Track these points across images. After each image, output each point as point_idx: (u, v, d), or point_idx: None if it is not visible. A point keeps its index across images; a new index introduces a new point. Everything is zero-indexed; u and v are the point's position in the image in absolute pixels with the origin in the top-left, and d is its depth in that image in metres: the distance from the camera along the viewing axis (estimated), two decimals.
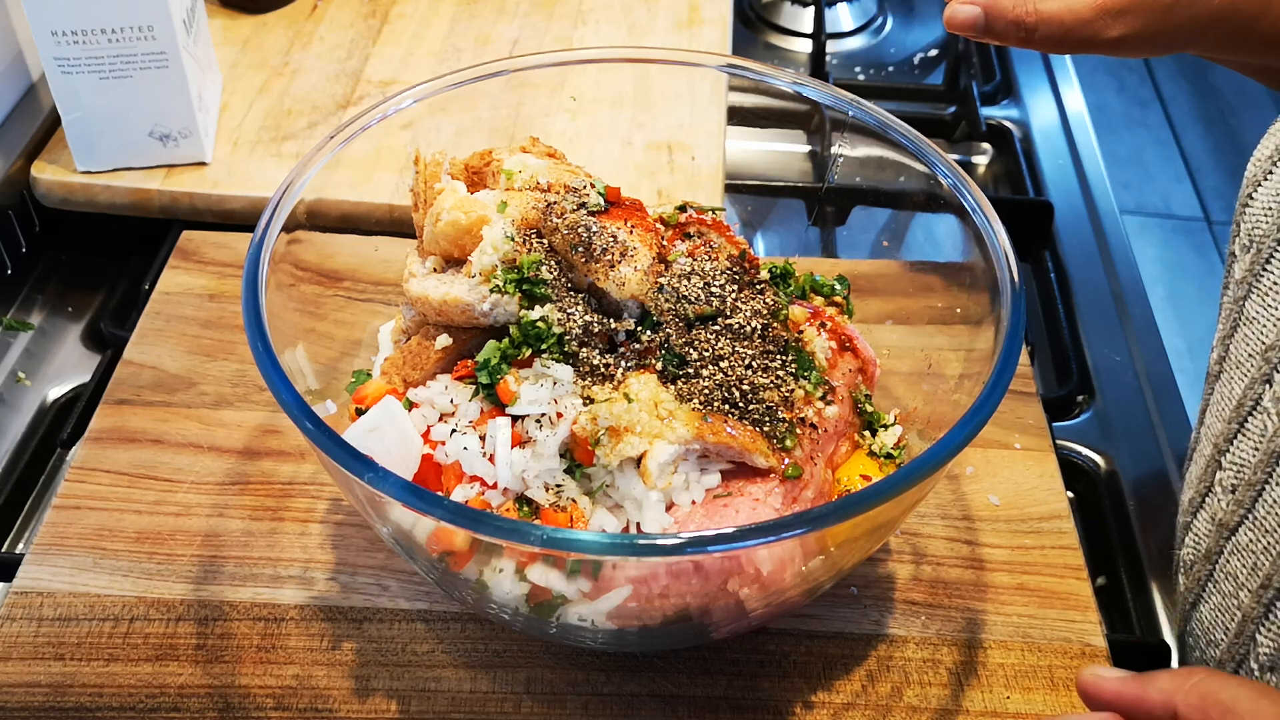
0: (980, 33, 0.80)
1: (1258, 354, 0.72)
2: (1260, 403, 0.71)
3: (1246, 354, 0.73)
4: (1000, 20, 0.79)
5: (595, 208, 0.73)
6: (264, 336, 0.66)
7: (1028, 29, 0.79)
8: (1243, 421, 0.73)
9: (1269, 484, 0.70)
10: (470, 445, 0.67)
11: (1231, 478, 0.74)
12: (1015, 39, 0.80)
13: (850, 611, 0.80)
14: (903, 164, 0.83)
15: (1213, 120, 3.21)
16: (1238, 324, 0.75)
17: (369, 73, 1.24)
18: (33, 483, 0.95)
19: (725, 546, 0.57)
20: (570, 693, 0.75)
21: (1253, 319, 0.73)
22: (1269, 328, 0.71)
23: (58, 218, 1.14)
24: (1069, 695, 0.76)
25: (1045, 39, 0.79)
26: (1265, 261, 0.72)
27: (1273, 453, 0.69)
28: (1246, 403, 0.72)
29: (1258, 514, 0.71)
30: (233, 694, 0.74)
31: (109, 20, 1.01)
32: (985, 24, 0.79)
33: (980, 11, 0.79)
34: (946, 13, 0.80)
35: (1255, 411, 0.72)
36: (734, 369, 0.69)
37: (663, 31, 1.31)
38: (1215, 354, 0.77)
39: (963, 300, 0.79)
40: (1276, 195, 0.72)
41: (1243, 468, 0.73)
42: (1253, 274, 0.73)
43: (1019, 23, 0.79)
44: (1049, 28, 0.79)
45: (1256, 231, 0.73)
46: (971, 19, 0.79)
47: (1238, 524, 0.73)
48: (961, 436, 0.62)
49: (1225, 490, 0.74)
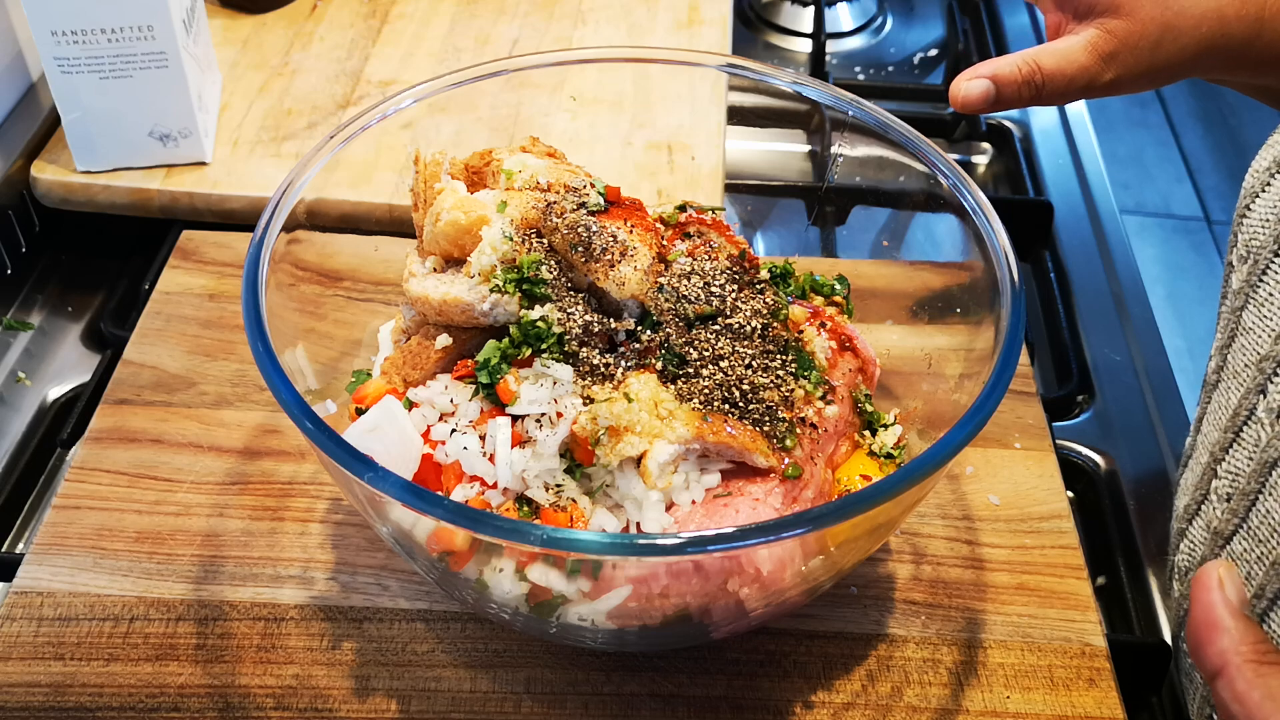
0: (992, 105, 0.82)
1: (1253, 364, 0.72)
2: (1255, 413, 0.72)
3: (1243, 364, 0.74)
4: (1010, 86, 0.81)
5: (595, 207, 0.73)
6: (264, 336, 0.66)
7: (1036, 87, 0.81)
8: (1238, 431, 0.73)
9: (1262, 494, 0.70)
10: (470, 445, 0.67)
11: (1227, 486, 0.74)
12: (1027, 99, 0.82)
13: (850, 611, 0.80)
14: (903, 164, 0.83)
15: (1213, 120, 3.21)
16: (1235, 334, 0.75)
17: (369, 73, 1.24)
18: (33, 483, 0.95)
19: (725, 546, 0.57)
20: (570, 693, 0.75)
21: (1249, 329, 0.73)
22: (1264, 338, 0.71)
23: (58, 218, 1.14)
24: (1069, 695, 0.76)
25: (1051, 93, 0.82)
26: (1261, 272, 0.72)
27: (1266, 463, 0.69)
28: (1242, 412, 0.73)
29: (1251, 523, 0.71)
30: (233, 694, 0.74)
31: (109, 20, 1.01)
32: (996, 94, 0.81)
33: (990, 84, 0.80)
34: (954, 94, 0.81)
35: (1250, 421, 0.72)
36: (734, 369, 0.69)
37: (663, 31, 1.31)
38: (1213, 363, 0.78)
39: (963, 300, 0.79)
40: (1273, 207, 0.72)
41: (1237, 477, 0.73)
42: (1249, 285, 0.73)
43: (1028, 82, 0.81)
44: (1055, 82, 0.81)
45: (1254, 243, 0.73)
46: (983, 93, 0.81)
47: (1232, 533, 0.73)
48: (961, 436, 0.62)
49: (1221, 499, 0.74)
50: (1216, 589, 0.54)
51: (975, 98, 0.81)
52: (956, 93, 0.81)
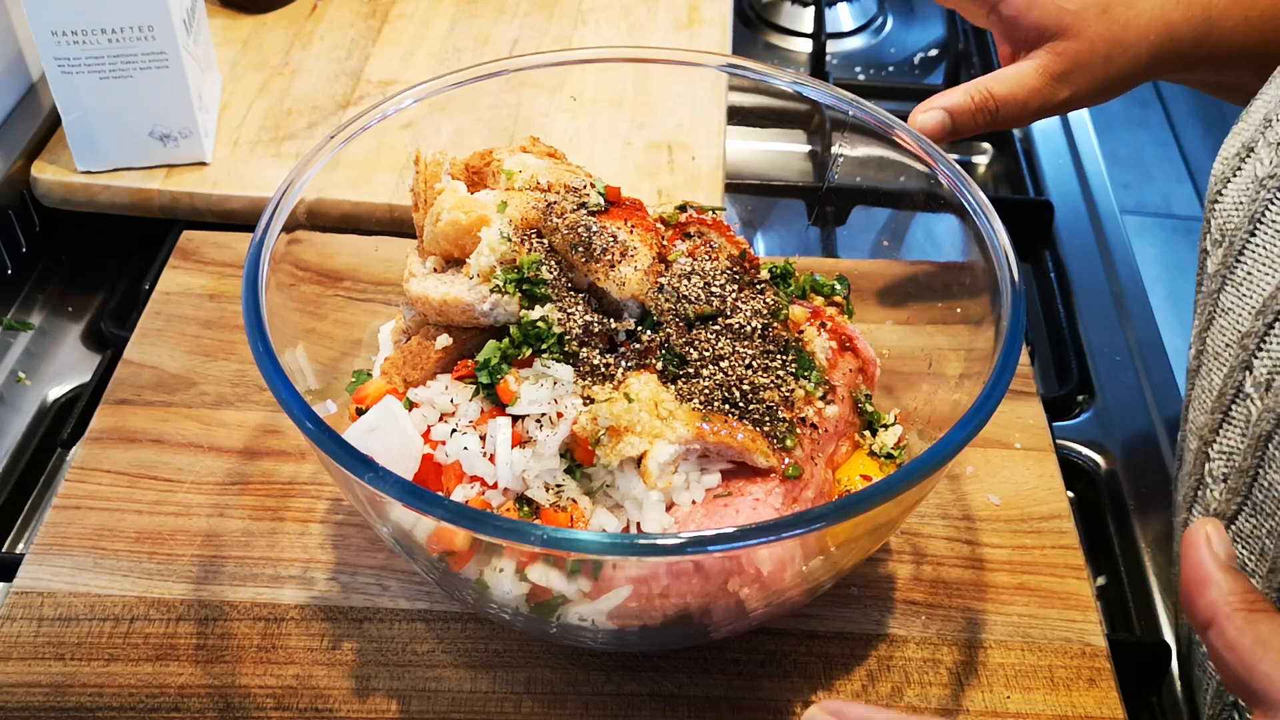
0: (949, 134, 0.85)
1: (1234, 342, 0.73)
2: (1242, 389, 0.72)
3: (1224, 344, 0.75)
4: (964, 114, 0.84)
5: (595, 208, 0.73)
6: (264, 336, 0.66)
7: (990, 113, 0.83)
8: (1226, 410, 0.74)
9: (1262, 468, 0.70)
10: (470, 445, 0.67)
11: (1222, 467, 0.74)
12: (983, 126, 0.85)
13: (850, 611, 0.80)
14: (903, 164, 0.83)
15: (1213, 120, 3.21)
16: (1213, 317, 0.76)
17: (369, 73, 1.24)
18: (33, 483, 0.95)
19: (725, 546, 0.57)
20: (570, 693, 0.75)
21: (1227, 310, 0.75)
22: (1244, 316, 0.72)
23: (58, 218, 1.14)
24: (1069, 695, 0.76)
25: (1007, 118, 0.86)
26: (1238, 253, 0.73)
27: (1259, 437, 0.70)
28: (1228, 391, 0.74)
29: (1255, 499, 0.71)
30: (233, 694, 0.74)
31: (109, 20, 1.01)
32: (952, 124, 0.84)
33: (945, 115, 0.84)
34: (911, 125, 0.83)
35: (1238, 399, 0.73)
36: (734, 369, 0.69)
37: (663, 31, 1.31)
38: (1193, 350, 0.79)
39: (963, 300, 0.79)
40: (1245, 189, 0.73)
41: (1232, 455, 0.74)
42: (1226, 267, 0.75)
43: (981, 110, 0.83)
44: (1009, 107, 0.85)
45: (1228, 226, 0.74)
46: (938, 123, 0.85)
47: (1235, 512, 0.73)
48: (961, 436, 0.62)
49: (1217, 480, 0.75)
50: (1204, 545, 0.55)
51: (932, 128, 0.84)
52: (913, 125, 0.83)
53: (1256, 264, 0.72)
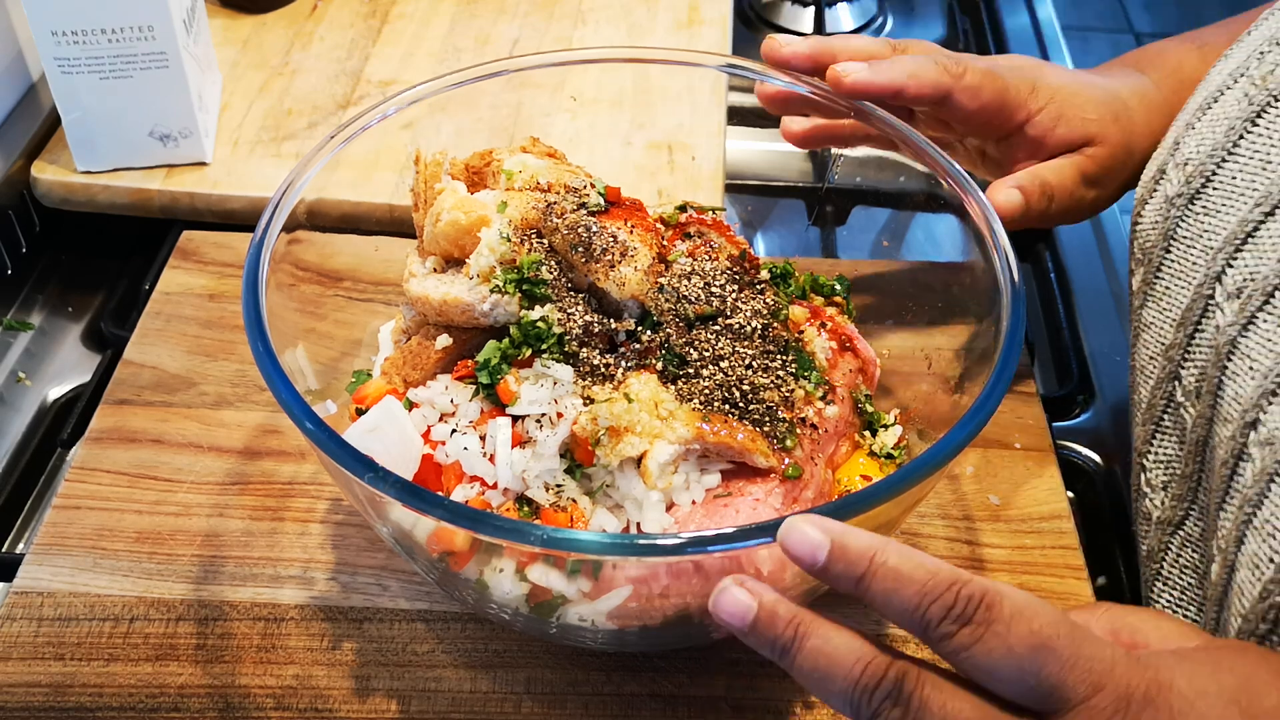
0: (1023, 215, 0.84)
1: (1159, 355, 0.76)
2: (1173, 399, 0.74)
3: (1148, 358, 0.77)
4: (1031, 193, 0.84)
5: (595, 208, 0.73)
6: (264, 336, 0.66)
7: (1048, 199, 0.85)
8: (1158, 421, 0.76)
9: (1203, 474, 0.71)
10: (470, 445, 0.67)
11: (1161, 476, 0.77)
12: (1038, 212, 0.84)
13: (850, 611, 0.79)
14: (903, 164, 0.83)
15: None
16: (1139, 332, 0.79)
17: (369, 73, 1.25)
18: (33, 483, 0.95)
19: (725, 546, 0.57)
20: (570, 693, 0.75)
21: (1149, 325, 0.78)
22: (1166, 329, 0.75)
23: (58, 218, 1.14)
24: None
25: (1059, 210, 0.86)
26: (1156, 270, 0.77)
27: (1196, 442, 0.71)
28: (1158, 403, 0.76)
29: (1201, 503, 0.72)
30: (233, 694, 0.74)
31: (109, 20, 1.01)
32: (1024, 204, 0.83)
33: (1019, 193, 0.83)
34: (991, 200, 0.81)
35: (1169, 409, 0.75)
36: (734, 369, 0.69)
37: (663, 31, 1.31)
38: (1130, 365, 0.81)
39: (963, 300, 0.79)
40: (1158, 209, 0.77)
41: (1171, 463, 0.75)
42: (1146, 283, 0.78)
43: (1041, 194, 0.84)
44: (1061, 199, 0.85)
45: (1147, 244, 0.78)
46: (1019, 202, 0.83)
47: (1182, 518, 0.75)
48: (961, 436, 0.62)
49: (1156, 489, 0.77)
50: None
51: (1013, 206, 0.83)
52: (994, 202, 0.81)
53: (1174, 278, 0.75)
